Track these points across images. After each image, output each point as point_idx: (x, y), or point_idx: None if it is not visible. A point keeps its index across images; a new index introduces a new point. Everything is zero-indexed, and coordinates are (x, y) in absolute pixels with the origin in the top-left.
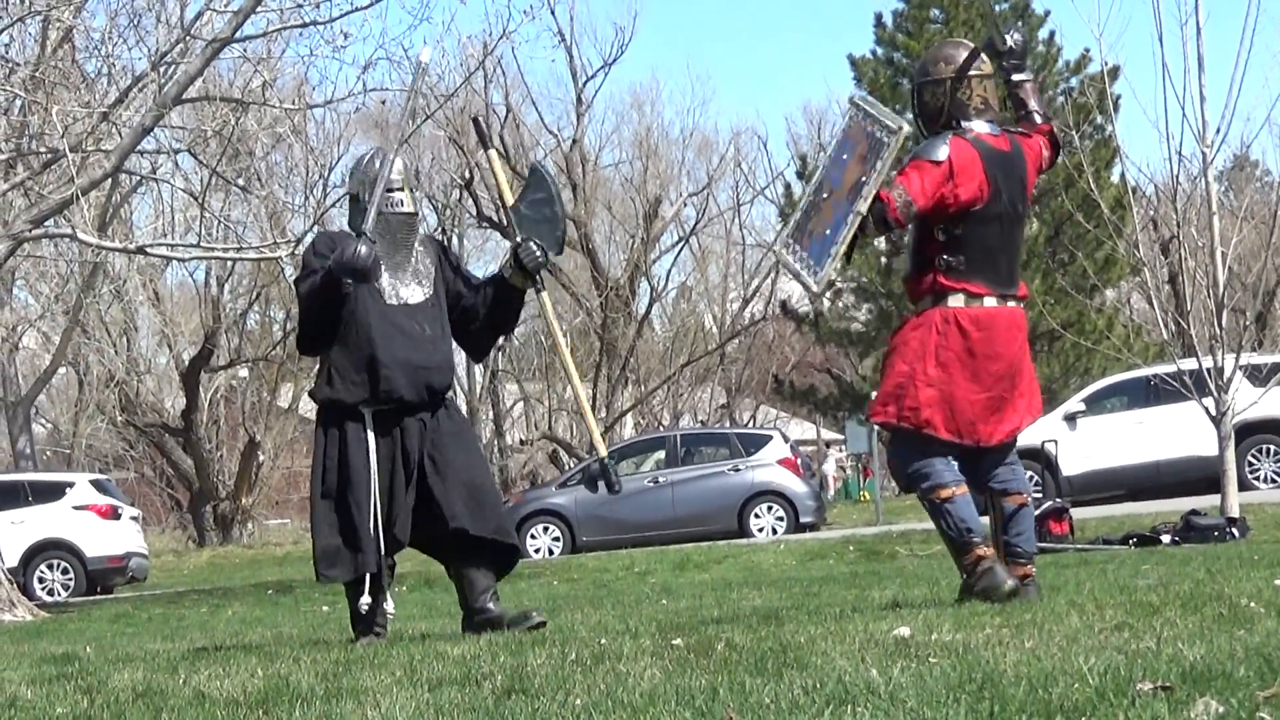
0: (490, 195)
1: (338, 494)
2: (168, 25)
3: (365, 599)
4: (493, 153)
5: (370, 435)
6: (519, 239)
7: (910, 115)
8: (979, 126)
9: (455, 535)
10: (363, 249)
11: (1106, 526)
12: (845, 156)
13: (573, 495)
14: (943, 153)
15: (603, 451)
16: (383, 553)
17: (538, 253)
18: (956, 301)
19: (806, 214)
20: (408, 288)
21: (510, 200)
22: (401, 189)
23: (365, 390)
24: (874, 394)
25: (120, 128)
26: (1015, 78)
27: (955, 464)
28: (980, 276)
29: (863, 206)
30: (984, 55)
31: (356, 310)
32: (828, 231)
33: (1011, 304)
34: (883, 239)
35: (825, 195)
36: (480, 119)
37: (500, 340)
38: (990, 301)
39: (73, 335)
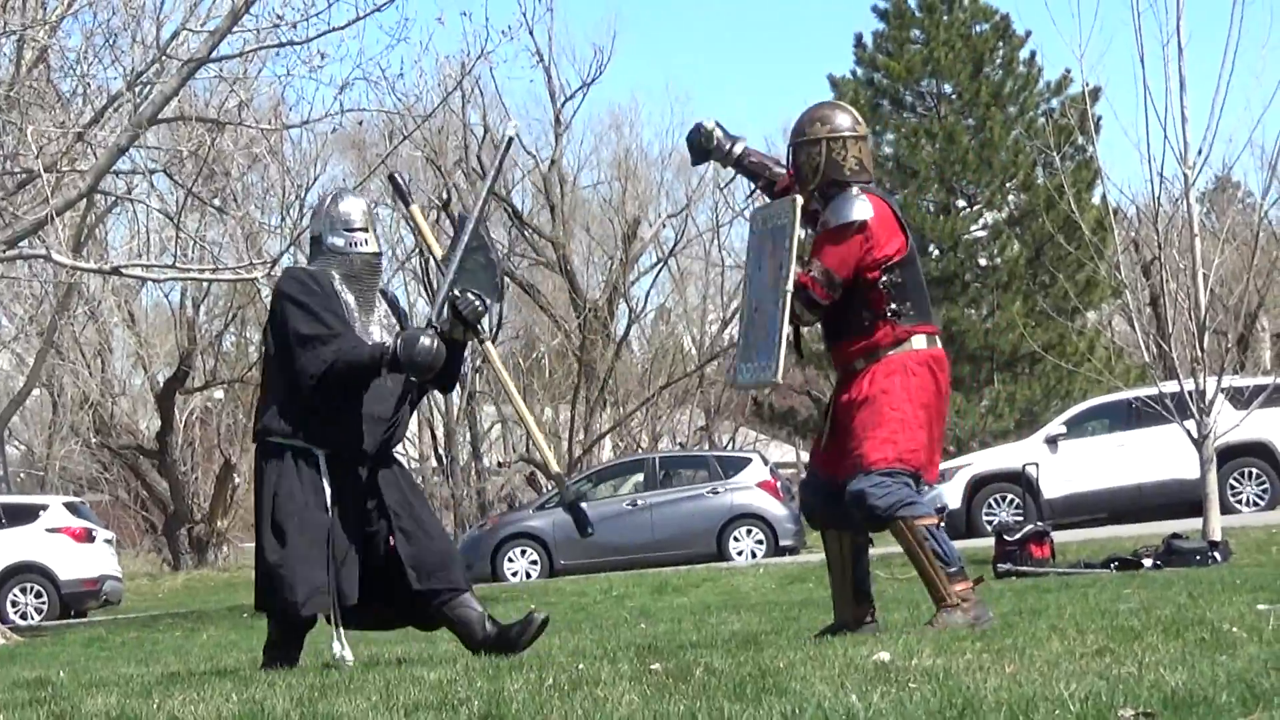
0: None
1: (307, 529)
2: (143, 45)
3: (338, 648)
4: (415, 209)
5: (325, 481)
6: (456, 291)
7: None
8: (864, 184)
9: (418, 592)
10: (432, 343)
11: (1088, 550)
12: (762, 265)
13: (550, 518)
14: (858, 212)
15: (568, 495)
16: (350, 595)
17: (476, 303)
18: (920, 343)
19: (745, 334)
20: (370, 333)
21: (439, 253)
22: (365, 229)
23: (324, 437)
24: (859, 447)
25: (95, 148)
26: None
27: None
28: (928, 317)
29: (788, 286)
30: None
31: None
32: (766, 332)
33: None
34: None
35: (755, 309)
36: (398, 175)
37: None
38: (938, 342)
39: (47, 356)
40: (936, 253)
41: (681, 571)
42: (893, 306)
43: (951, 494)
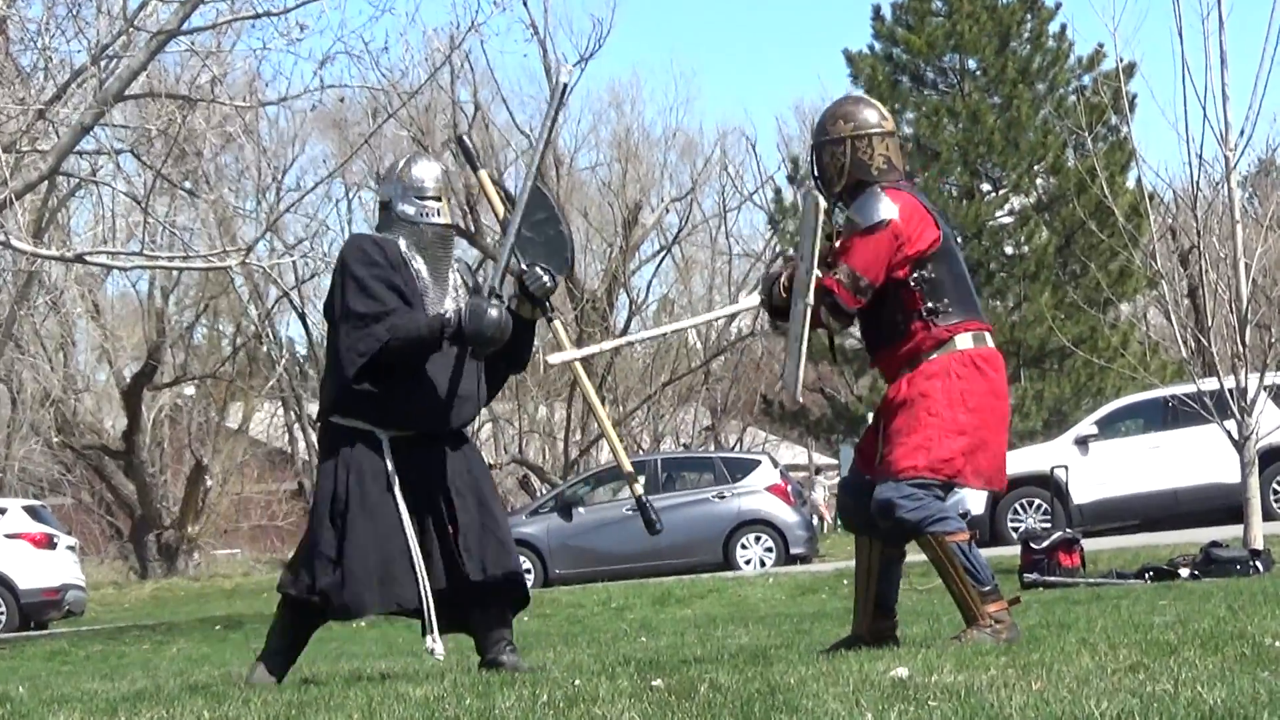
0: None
1: (365, 521)
2: (109, 16)
3: (432, 644)
4: (483, 174)
5: (389, 463)
6: (523, 265)
7: (810, 181)
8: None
9: (471, 582)
10: (499, 315)
11: (1120, 559)
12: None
13: (545, 524)
14: (884, 212)
15: (639, 490)
16: (425, 588)
17: (545, 278)
18: (965, 343)
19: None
20: (443, 307)
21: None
22: (438, 198)
23: (389, 415)
24: (890, 452)
25: (58, 126)
26: None
27: None
28: (971, 313)
29: (809, 296)
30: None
31: None
32: (789, 342)
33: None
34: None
35: (790, 318)
36: (467, 138)
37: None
38: (989, 339)
39: (5, 349)
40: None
41: (685, 581)
42: (929, 305)
43: (975, 499)
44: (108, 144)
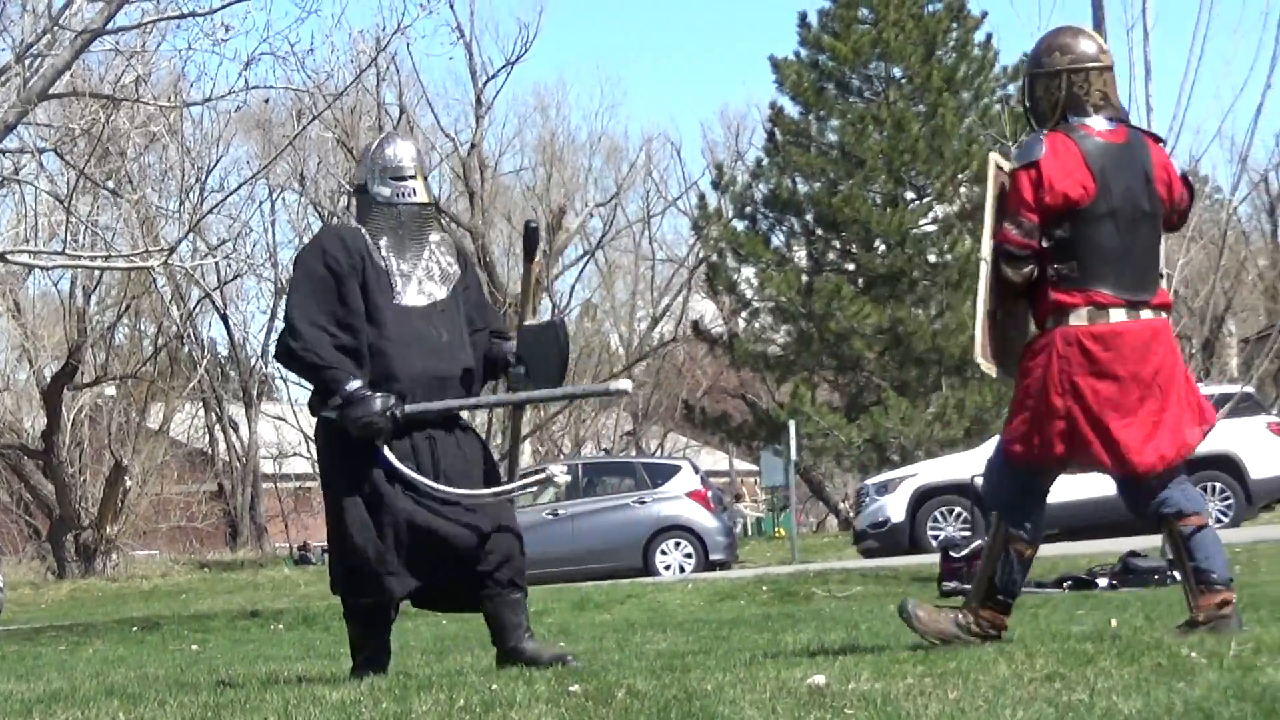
0: None
1: (363, 512)
2: (34, 14)
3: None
4: (535, 266)
5: (386, 452)
6: (520, 369)
7: (1023, 109)
8: (1093, 121)
9: (478, 570)
10: (384, 422)
11: (1039, 568)
12: None
13: None
14: (1031, 151)
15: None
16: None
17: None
18: (1079, 318)
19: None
20: (422, 287)
21: (525, 319)
22: (414, 177)
23: None
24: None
25: None
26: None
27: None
28: (1101, 283)
29: (985, 252)
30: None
31: (368, 312)
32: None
33: (1146, 314)
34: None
35: None
36: (533, 224)
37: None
38: (1118, 313)
39: None
40: (882, 248)
41: (604, 586)
42: (1056, 266)
43: (895, 507)
44: (31, 142)
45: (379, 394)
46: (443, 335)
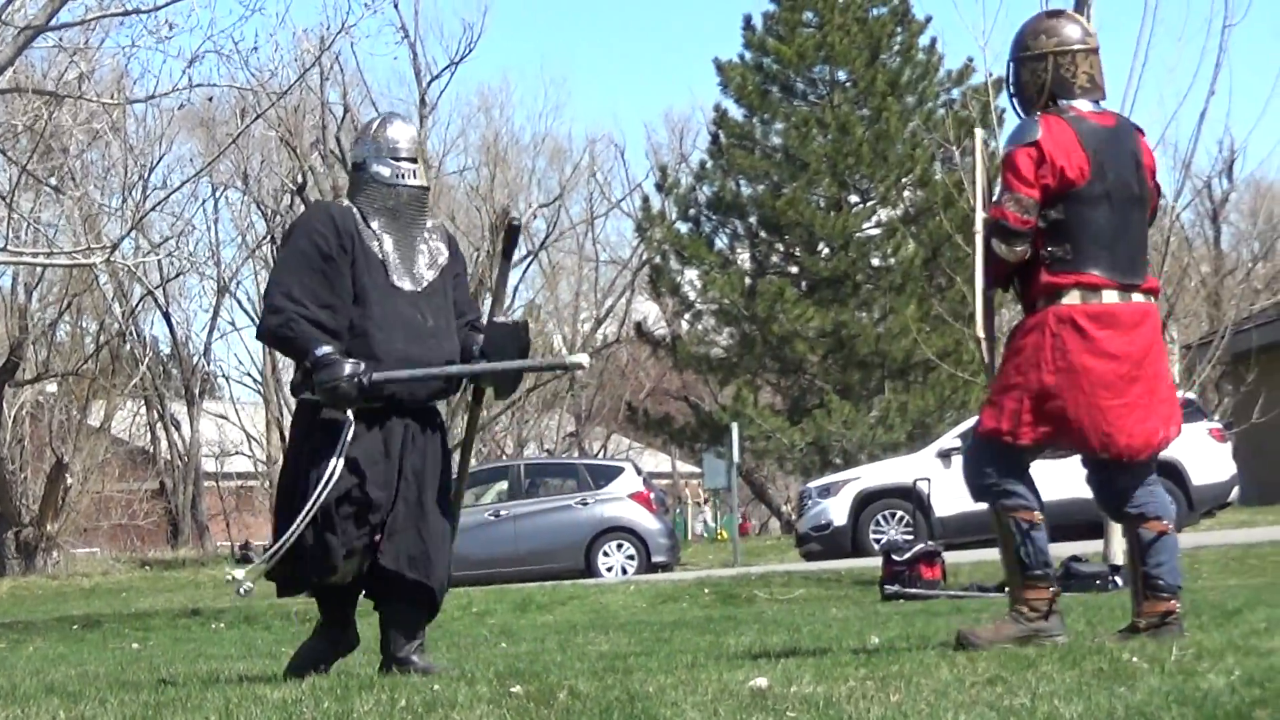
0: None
1: (309, 493)
2: None
3: (240, 573)
4: (508, 266)
5: (350, 432)
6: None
7: (1006, 95)
8: (1080, 104)
9: (386, 571)
10: (350, 387)
11: (981, 572)
12: None
13: None
14: (1033, 132)
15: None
16: (353, 564)
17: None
18: (1071, 299)
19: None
20: (414, 271)
21: (495, 315)
22: (413, 159)
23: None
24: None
25: None
26: None
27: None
28: (1094, 265)
29: (977, 227)
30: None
31: (355, 292)
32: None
33: (1137, 297)
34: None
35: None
36: (517, 221)
37: None
38: (1111, 295)
39: None
40: (826, 251)
41: (546, 587)
42: (1049, 248)
43: (837, 510)
44: None
45: (349, 359)
46: (429, 320)
